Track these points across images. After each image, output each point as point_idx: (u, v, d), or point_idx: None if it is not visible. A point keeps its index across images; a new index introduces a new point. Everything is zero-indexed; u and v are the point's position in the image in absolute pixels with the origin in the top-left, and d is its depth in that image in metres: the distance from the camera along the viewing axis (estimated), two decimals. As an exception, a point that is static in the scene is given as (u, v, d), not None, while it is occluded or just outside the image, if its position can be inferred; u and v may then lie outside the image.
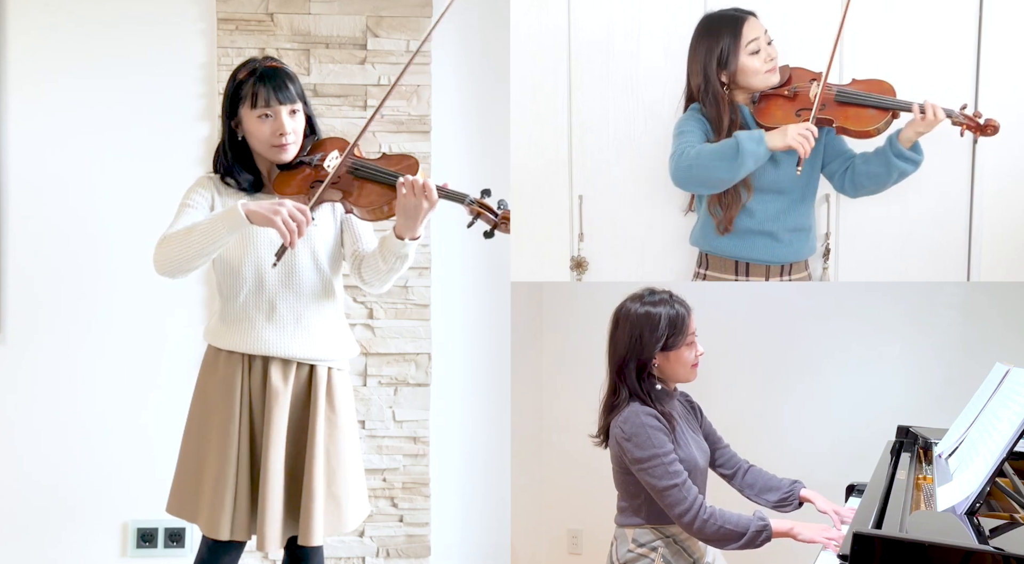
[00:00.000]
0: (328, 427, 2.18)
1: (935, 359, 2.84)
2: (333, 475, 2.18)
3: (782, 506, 2.25)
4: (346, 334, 2.28)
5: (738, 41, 2.44)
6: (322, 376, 2.19)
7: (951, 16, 2.68)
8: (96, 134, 3.01)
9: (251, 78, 2.14)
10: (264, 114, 2.13)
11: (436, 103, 3.08)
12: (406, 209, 2.08)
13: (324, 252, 2.21)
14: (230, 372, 2.16)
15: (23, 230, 3.00)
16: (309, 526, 2.13)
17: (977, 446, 1.78)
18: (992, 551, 1.40)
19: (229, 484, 2.12)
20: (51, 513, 3.03)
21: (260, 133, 2.15)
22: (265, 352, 2.15)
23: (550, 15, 2.79)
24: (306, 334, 2.17)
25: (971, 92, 2.68)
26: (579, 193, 2.82)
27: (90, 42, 2.99)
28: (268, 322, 2.15)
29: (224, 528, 2.12)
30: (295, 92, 2.16)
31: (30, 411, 3.02)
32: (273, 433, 2.12)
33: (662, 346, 2.11)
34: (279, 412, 2.14)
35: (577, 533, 3.24)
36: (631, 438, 2.07)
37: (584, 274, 2.84)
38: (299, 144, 2.19)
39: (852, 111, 2.43)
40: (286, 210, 2.01)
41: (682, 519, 2.02)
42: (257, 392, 2.16)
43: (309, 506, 2.13)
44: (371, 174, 2.16)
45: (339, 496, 2.19)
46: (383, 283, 2.21)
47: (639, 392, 2.11)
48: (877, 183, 2.49)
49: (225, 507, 2.12)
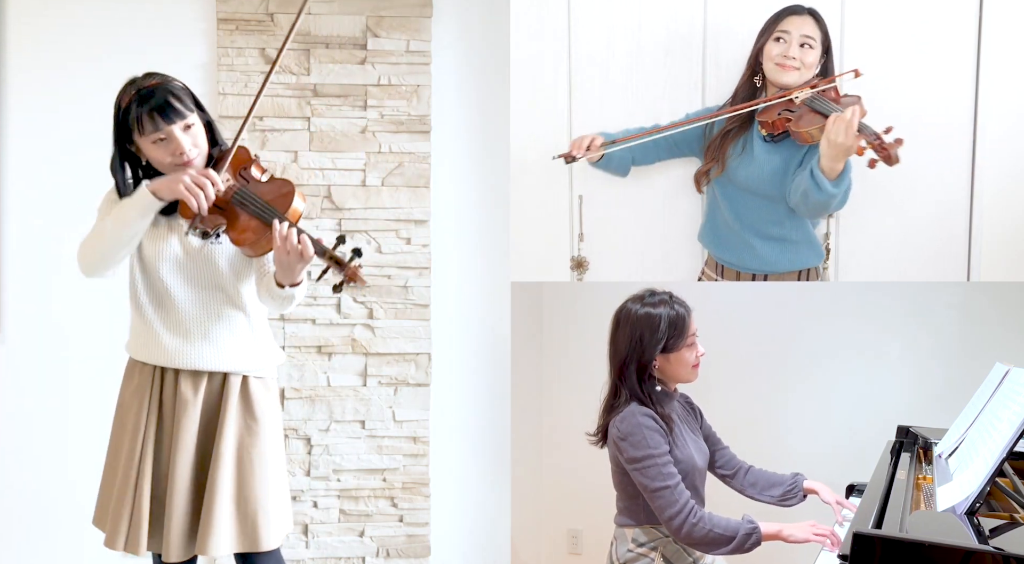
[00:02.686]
0: (246, 436, 2.11)
1: (935, 359, 2.84)
2: (245, 483, 2.10)
3: (787, 499, 2.25)
4: (261, 344, 2.20)
5: (775, 24, 2.49)
6: (234, 384, 2.12)
7: (951, 16, 2.68)
8: (96, 134, 2.99)
9: (132, 104, 2.03)
10: (158, 139, 2.03)
11: (436, 103, 3.08)
12: (280, 262, 1.99)
13: (227, 265, 2.13)
14: (143, 383, 2.13)
15: (23, 230, 3.00)
16: (207, 534, 2.05)
17: (977, 446, 1.78)
18: (992, 551, 1.40)
19: (128, 496, 2.08)
20: (51, 513, 3.03)
21: (160, 157, 2.05)
22: (172, 365, 2.11)
23: (550, 15, 2.79)
24: (213, 346, 2.11)
25: (971, 92, 2.68)
26: (579, 193, 2.82)
27: (90, 42, 2.99)
28: (175, 336, 2.10)
29: (119, 541, 2.08)
30: (183, 107, 2.04)
31: (30, 411, 3.02)
32: (180, 443, 2.08)
33: (663, 348, 2.11)
34: (187, 422, 2.09)
35: (577, 533, 3.24)
36: (627, 437, 2.07)
37: (584, 274, 2.84)
38: (204, 154, 2.10)
39: (808, 116, 2.42)
40: (189, 176, 1.99)
41: (671, 522, 2.02)
42: (168, 402, 2.12)
43: (208, 514, 2.05)
44: (248, 206, 2.05)
45: (254, 512, 2.10)
46: (281, 311, 2.13)
47: (639, 394, 2.11)
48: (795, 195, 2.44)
49: (122, 520, 2.08)
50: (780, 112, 2.46)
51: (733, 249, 2.61)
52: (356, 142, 3.03)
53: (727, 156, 2.55)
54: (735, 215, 2.59)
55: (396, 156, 3.04)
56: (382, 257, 3.05)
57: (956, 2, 2.68)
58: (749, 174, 2.53)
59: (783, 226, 2.57)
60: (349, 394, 3.06)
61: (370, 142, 3.03)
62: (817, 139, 2.37)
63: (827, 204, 2.39)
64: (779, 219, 2.56)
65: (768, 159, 2.50)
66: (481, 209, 3.08)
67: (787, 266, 2.59)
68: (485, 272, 3.11)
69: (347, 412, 3.06)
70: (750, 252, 2.58)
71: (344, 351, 3.06)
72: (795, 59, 2.46)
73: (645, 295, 2.17)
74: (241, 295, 2.16)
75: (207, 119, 2.13)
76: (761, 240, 2.57)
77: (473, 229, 3.10)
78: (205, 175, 2.00)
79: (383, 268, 3.05)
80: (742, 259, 2.60)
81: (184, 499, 2.08)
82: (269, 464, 2.14)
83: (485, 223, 3.09)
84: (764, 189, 2.53)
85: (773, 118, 2.47)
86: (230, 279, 2.13)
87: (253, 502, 2.10)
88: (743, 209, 2.57)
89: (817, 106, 2.41)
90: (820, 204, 2.39)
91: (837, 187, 2.35)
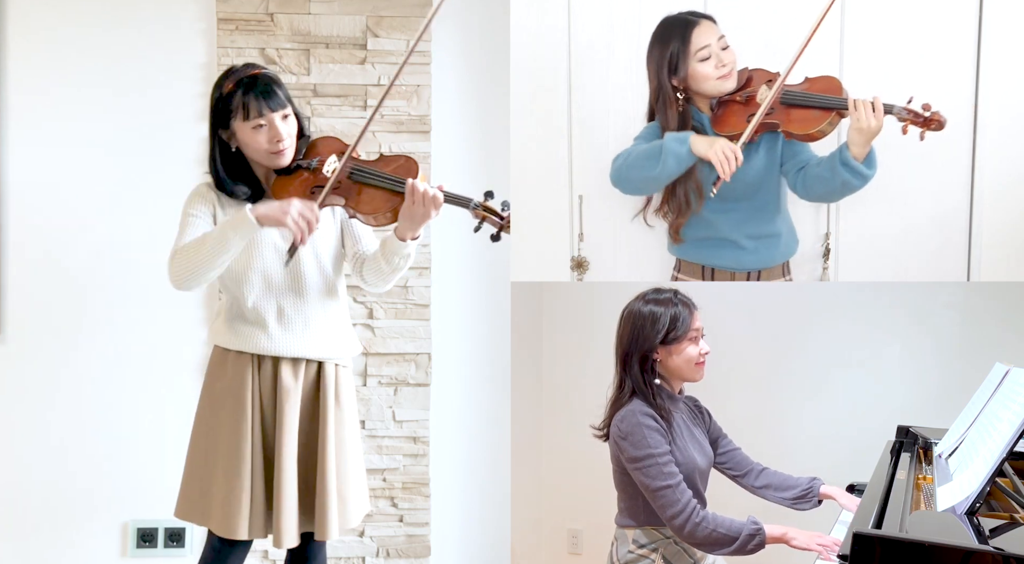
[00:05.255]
0: (340, 424, 2.22)
1: (935, 359, 2.84)
2: (341, 471, 2.20)
3: (801, 503, 2.25)
4: (350, 332, 2.31)
5: (687, 47, 2.41)
6: (330, 373, 2.22)
7: (951, 16, 2.68)
8: (96, 134, 3.00)
9: (237, 89, 2.13)
10: (258, 125, 2.13)
11: (436, 103, 3.08)
12: (413, 216, 2.12)
13: (327, 254, 2.24)
14: (240, 373, 2.18)
15: (23, 230, 2.99)
16: (325, 521, 2.15)
17: (977, 446, 1.78)
18: (992, 551, 1.40)
19: (245, 484, 2.14)
20: (51, 513, 3.03)
21: (257, 143, 2.15)
22: (276, 353, 2.17)
23: (550, 15, 2.79)
24: (314, 334, 2.20)
25: (971, 92, 2.68)
26: (579, 193, 2.82)
27: (90, 42, 2.99)
28: (277, 324, 2.18)
29: (242, 528, 2.14)
30: (283, 96, 2.16)
31: (30, 411, 3.02)
32: (286, 430, 2.15)
33: (664, 339, 2.13)
34: (291, 410, 2.16)
35: (577, 533, 3.24)
36: (627, 437, 2.07)
37: (584, 274, 2.84)
38: (294, 147, 2.20)
39: (796, 113, 2.38)
40: (295, 209, 2.06)
41: (673, 521, 2.02)
42: (268, 391, 2.18)
43: (324, 501, 2.15)
44: (372, 179, 2.17)
45: (345, 492, 2.21)
46: (386, 283, 2.25)
47: (642, 385, 2.12)
48: (824, 187, 2.40)
49: (242, 507, 2.14)
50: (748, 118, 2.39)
51: (724, 253, 2.57)
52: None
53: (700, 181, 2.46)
54: (729, 227, 2.54)
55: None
56: (382, 257, 3.05)
57: (956, 2, 2.68)
58: (732, 183, 2.45)
59: (770, 221, 2.55)
60: (349, 394, 3.06)
61: (370, 142, 3.02)
62: (828, 133, 2.37)
63: (862, 186, 2.38)
64: (767, 215, 2.55)
65: (747, 161, 2.41)
66: (481, 209, 3.08)
67: (779, 259, 2.59)
68: (485, 272, 3.11)
69: (347, 412, 3.06)
70: (748, 253, 2.56)
71: (344, 351, 3.06)
72: (727, 64, 2.42)
73: (649, 293, 2.21)
74: (336, 284, 2.27)
75: (298, 113, 2.22)
76: (755, 241, 2.55)
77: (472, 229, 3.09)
78: (311, 211, 2.09)
79: (383, 268, 3.05)
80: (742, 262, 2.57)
81: (292, 486, 2.15)
82: (358, 451, 2.28)
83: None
84: (748, 192, 2.49)
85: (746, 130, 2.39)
86: (328, 267, 2.23)
87: (342, 485, 2.21)
88: (734, 219, 2.53)
89: (806, 101, 2.37)
90: (856, 189, 2.38)
91: (873, 167, 2.35)
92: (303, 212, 2.07)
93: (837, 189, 2.39)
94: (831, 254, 2.74)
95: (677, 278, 2.66)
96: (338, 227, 2.28)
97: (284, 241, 2.17)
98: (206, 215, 2.18)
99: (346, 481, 2.21)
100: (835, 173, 2.35)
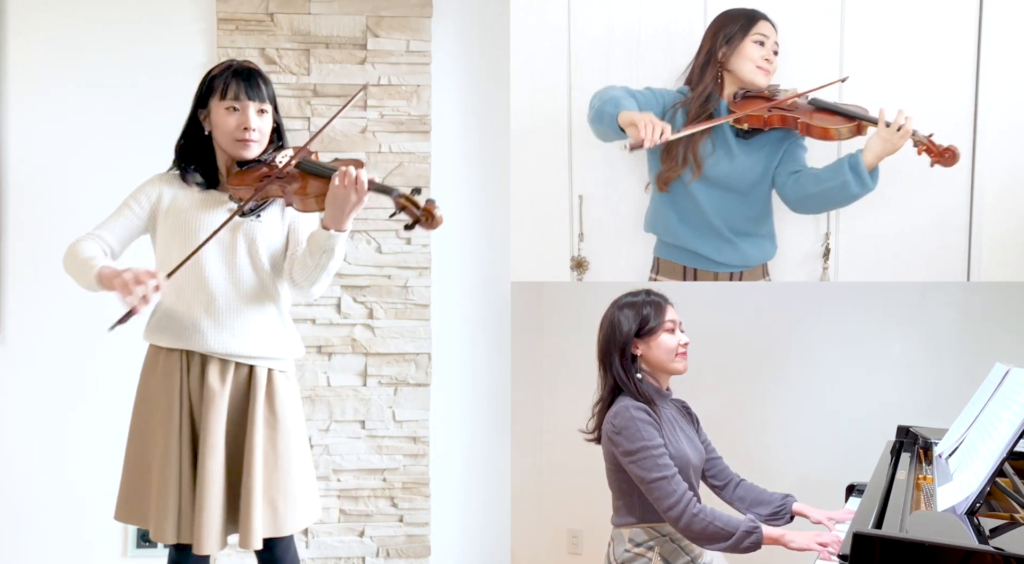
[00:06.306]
0: (267, 430, 2.15)
1: (935, 359, 2.84)
2: (270, 478, 2.13)
3: (774, 519, 2.25)
4: (289, 335, 2.24)
5: (749, 28, 2.51)
6: (261, 377, 2.16)
7: (951, 18, 2.68)
8: (96, 134, 3.01)
9: (225, 72, 2.16)
10: (232, 107, 2.14)
11: (436, 103, 3.08)
12: (334, 198, 2.04)
13: (266, 252, 2.18)
14: (170, 371, 2.15)
15: (23, 230, 3.00)
16: (248, 529, 2.09)
17: (977, 446, 1.78)
18: (992, 551, 1.40)
19: (172, 486, 2.10)
20: (51, 513, 3.03)
21: (225, 125, 2.15)
22: (203, 349, 2.13)
23: (550, 15, 2.79)
24: (245, 332, 2.15)
25: (971, 92, 2.69)
26: (579, 193, 2.82)
27: (90, 42, 2.99)
28: (207, 321, 2.13)
29: (170, 531, 2.10)
30: (266, 94, 2.17)
31: (30, 411, 3.02)
32: (210, 433, 2.10)
33: (639, 332, 2.15)
34: (216, 413, 2.11)
35: (577, 533, 3.24)
36: (621, 431, 2.08)
37: (584, 274, 2.84)
38: (263, 146, 2.18)
39: (820, 114, 2.49)
40: (131, 274, 2.00)
41: (669, 512, 2.02)
42: (196, 392, 2.14)
43: (248, 510, 2.09)
44: (314, 168, 2.14)
45: (276, 500, 2.14)
46: (311, 283, 2.15)
47: (623, 379, 2.13)
48: (818, 186, 2.47)
49: (169, 510, 2.09)
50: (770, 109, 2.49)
51: (705, 241, 2.60)
52: (356, 142, 3.03)
53: (700, 157, 2.54)
54: (715, 213, 2.58)
55: (396, 156, 3.04)
56: (382, 257, 3.05)
57: (956, 2, 2.68)
58: (731, 171, 2.53)
59: (757, 222, 2.62)
60: (349, 394, 3.06)
61: (370, 142, 3.03)
62: (844, 137, 2.45)
63: (857, 197, 2.46)
64: (755, 215, 2.61)
65: (748, 156, 2.52)
66: (481, 209, 3.08)
67: (759, 260, 2.64)
68: (485, 272, 3.11)
69: (347, 412, 3.06)
70: (730, 247, 2.59)
71: (344, 351, 3.06)
72: (771, 63, 2.53)
73: (623, 296, 2.23)
74: (276, 284, 2.21)
75: (278, 121, 2.22)
76: (739, 236, 2.59)
77: (473, 229, 3.10)
78: (149, 274, 2.01)
79: (383, 268, 3.05)
80: (723, 255, 2.59)
81: (217, 492, 2.10)
82: (294, 457, 2.17)
83: (485, 223, 3.09)
84: (743, 186, 2.55)
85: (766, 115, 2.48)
86: (265, 265, 2.18)
87: (272, 491, 2.13)
88: (721, 206, 2.57)
89: (835, 108, 2.48)
90: (851, 197, 2.46)
91: (875, 182, 2.44)
92: (139, 276, 1.98)
93: (832, 189, 2.44)
94: (831, 254, 2.74)
95: (655, 280, 2.69)
96: (284, 228, 2.23)
97: (230, 234, 2.14)
98: (143, 206, 2.20)
99: (279, 488, 2.14)
100: (838, 173, 2.42)
